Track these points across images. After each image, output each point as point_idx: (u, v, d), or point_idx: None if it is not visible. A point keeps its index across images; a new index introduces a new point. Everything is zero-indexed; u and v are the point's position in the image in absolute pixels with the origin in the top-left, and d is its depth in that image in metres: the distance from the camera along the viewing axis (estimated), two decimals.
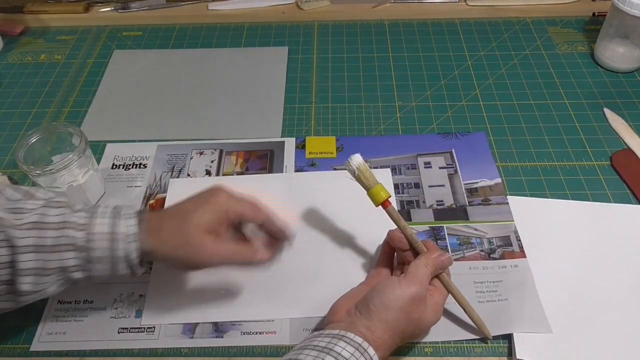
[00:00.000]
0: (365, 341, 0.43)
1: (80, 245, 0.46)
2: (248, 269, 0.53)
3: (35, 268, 0.45)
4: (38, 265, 0.45)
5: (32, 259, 0.45)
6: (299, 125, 0.73)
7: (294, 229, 0.53)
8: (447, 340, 0.51)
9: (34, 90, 0.80)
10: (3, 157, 0.70)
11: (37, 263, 0.45)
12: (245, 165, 0.68)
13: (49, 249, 0.45)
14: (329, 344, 0.43)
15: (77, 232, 0.46)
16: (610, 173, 0.65)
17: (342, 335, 0.43)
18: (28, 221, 0.45)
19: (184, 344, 0.51)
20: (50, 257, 0.45)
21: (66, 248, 0.45)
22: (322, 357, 0.41)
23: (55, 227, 0.45)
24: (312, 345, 0.43)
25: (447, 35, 0.88)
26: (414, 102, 0.76)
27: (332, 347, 0.42)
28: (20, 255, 0.44)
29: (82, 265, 0.46)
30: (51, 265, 0.45)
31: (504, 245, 0.58)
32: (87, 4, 0.93)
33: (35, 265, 0.45)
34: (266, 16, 0.92)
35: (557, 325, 0.51)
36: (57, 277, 0.46)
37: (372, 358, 0.43)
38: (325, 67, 0.83)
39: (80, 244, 0.46)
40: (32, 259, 0.45)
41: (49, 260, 0.45)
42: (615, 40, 0.78)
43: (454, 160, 0.67)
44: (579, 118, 0.73)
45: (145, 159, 0.69)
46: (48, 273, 0.46)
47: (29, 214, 0.46)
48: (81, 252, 0.46)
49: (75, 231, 0.46)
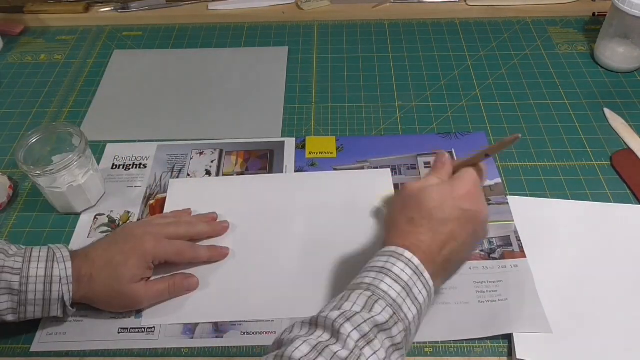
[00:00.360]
0: (422, 263, 0.43)
1: (14, 289, 0.48)
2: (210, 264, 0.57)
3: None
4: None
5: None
6: (299, 125, 0.73)
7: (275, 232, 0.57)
8: (447, 340, 0.51)
9: (34, 90, 0.80)
10: (3, 157, 0.70)
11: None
12: (245, 165, 0.68)
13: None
14: (387, 264, 0.43)
15: (13, 277, 0.48)
16: (610, 173, 0.65)
17: (400, 254, 0.43)
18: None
19: (184, 344, 0.51)
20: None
21: (1, 292, 0.47)
22: (381, 278, 0.42)
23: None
24: (371, 267, 0.44)
25: (447, 35, 0.88)
26: (414, 102, 0.76)
27: (390, 267, 0.43)
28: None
29: (14, 308, 0.48)
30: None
31: (504, 245, 0.58)
32: (87, 4, 0.93)
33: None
34: (266, 16, 0.92)
35: (557, 325, 0.51)
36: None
37: (427, 282, 0.43)
38: (325, 67, 0.83)
39: (15, 287, 0.48)
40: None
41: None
42: (615, 40, 0.78)
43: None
44: (579, 118, 0.73)
45: (145, 159, 0.69)
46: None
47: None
48: (15, 296, 0.48)
49: (11, 275, 0.48)
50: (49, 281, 0.48)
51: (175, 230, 0.56)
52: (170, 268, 0.56)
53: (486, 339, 0.51)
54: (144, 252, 0.52)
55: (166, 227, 0.55)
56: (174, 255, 0.54)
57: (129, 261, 0.51)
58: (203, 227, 0.58)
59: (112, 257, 0.51)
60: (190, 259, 0.55)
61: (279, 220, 0.61)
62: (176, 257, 0.54)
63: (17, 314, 0.49)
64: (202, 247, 0.57)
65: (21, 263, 0.49)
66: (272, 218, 0.61)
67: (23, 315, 0.49)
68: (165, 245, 0.53)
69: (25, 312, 0.49)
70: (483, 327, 0.51)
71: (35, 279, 0.48)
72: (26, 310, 0.49)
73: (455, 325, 0.52)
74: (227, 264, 0.57)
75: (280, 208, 0.62)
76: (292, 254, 0.58)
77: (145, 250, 0.52)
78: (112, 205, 0.64)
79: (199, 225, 0.58)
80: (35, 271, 0.48)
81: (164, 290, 0.53)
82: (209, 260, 0.57)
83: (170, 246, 0.54)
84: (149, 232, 0.54)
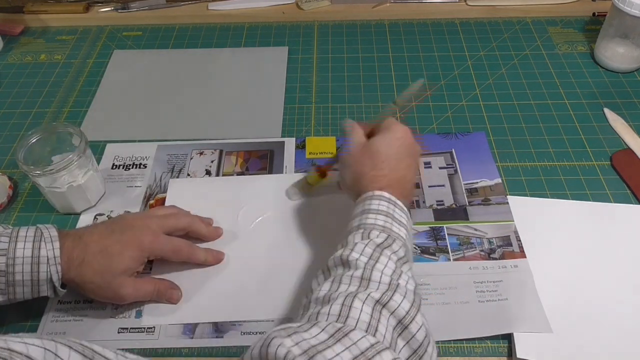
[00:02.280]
0: (392, 195, 0.49)
1: (1, 270, 0.47)
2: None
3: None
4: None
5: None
6: (299, 125, 0.73)
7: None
8: (447, 340, 0.51)
9: (34, 90, 0.80)
10: (3, 157, 0.70)
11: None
12: (245, 165, 0.68)
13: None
14: (364, 206, 0.49)
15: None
16: (610, 173, 0.65)
17: (371, 195, 0.49)
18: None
19: (184, 344, 0.51)
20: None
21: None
22: (365, 216, 0.48)
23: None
24: (353, 215, 0.49)
25: (447, 35, 0.88)
26: (414, 102, 0.76)
27: (368, 207, 0.48)
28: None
29: (2, 289, 0.47)
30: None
31: (504, 245, 0.58)
32: (87, 4, 0.93)
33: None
34: (266, 16, 0.92)
35: (557, 325, 0.51)
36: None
37: (402, 207, 0.49)
38: (325, 67, 0.83)
39: (1, 268, 0.47)
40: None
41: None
42: (615, 40, 0.79)
43: (454, 160, 0.67)
44: (579, 118, 0.73)
45: (145, 159, 0.69)
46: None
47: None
48: (2, 277, 0.47)
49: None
50: (36, 262, 0.47)
51: (175, 222, 0.55)
52: (163, 265, 0.56)
53: (486, 338, 0.51)
54: (141, 246, 0.51)
55: (166, 220, 0.55)
56: (170, 252, 0.54)
57: (125, 253, 0.50)
58: (201, 225, 0.58)
59: (108, 245, 0.50)
60: (187, 258, 0.55)
61: (279, 220, 0.61)
62: (172, 255, 0.54)
63: (6, 294, 0.48)
64: (199, 247, 0.56)
65: (7, 243, 0.47)
66: (272, 218, 0.61)
67: (12, 295, 0.48)
68: (163, 241, 0.53)
69: (15, 292, 0.48)
70: (483, 327, 0.51)
71: (22, 259, 0.47)
72: (15, 291, 0.48)
73: (455, 325, 0.52)
74: (227, 264, 0.57)
75: (280, 208, 0.62)
76: (292, 253, 0.58)
77: (143, 244, 0.51)
78: (112, 205, 0.64)
79: (198, 223, 0.58)
80: (22, 252, 0.47)
81: (150, 293, 0.53)
82: (204, 262, 0.56)
83: (168, 243, 0.53)
84: (148, 225, 0.53)
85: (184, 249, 0.55)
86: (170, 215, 0.56)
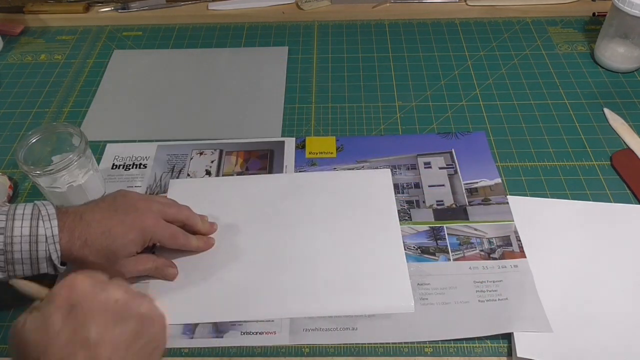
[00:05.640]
0: None
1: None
2: None
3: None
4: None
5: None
6: (299, 125, 0.73)
7: None
8: (447, 340, 0.51)
9: (34, 90, 0.80)
10: (3, 157, 0.70)
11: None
12: (245, 165, 0.68)
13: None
14: None
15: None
16: (610, 173, 0.65)
17: None
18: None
19: (184, 344, 0.51)
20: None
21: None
22: None
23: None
24: None
25: (447, 35, 0.88)
26: (414, 102, 0.76)
27: None
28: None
29: (1, 267, 0.47)
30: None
31: (504, 245, 0.58)
32: (87, 4, 0.93)
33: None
34: (266, 16, 0.92)
35: (557, 325, 0.51)
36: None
37: None
38: (325, 67, 0.83)
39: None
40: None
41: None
42: (615, 40, 0.79)
43: (454, 160, 0.67)
44: (579, 118, 0.73)
45: (145, 159, 0.69)
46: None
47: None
48: (1, 255, 0.46)
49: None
50: (34, 240, 0.47)
51: (176, 213, 0.55)
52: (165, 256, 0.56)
53: (486, 338, 0.51)
54: (144, 229, 0.51)
55: (168, 208, 0.55)
56: (168, 238, 0.54)
57: (128, 235, 0.50)
58: (198, 220, 0.58)
59: (112, 226, 0.49)
60: (182, 245, 0.55)
61: (279, 220, 0.61)
62: (169, 241, 0.54)
63: (5, 272, 0.47)
64: (192, 235, 0.57)
65: (4, 222, 0.47)
66: (272, 218, 0.61)
67: (12, 273, 0.48)
68: (163, 226, 0.53)
69: (14, 270, 0.47)
70: (483, 326, 0.51)
71: (20, 238, 0.46)
72: (14, 269, 0.47)
73: (455, 325, 0.52)
74: (227, 264, 0.57)
75: (281, 208, 0.62)
76: (292, 253, 0.58)
77: (146, 227, 0.51)
78: None
79: (195, 217, 0.57)
80: (20, 230, 0.46)
81: (149, 271, 0.53)
82: (196, 249, 0.57)
83: (167, 228, 0.53)
84: (150, 208, 0.53)
85: (180, 236, 0.55)
86: (171, 204, 0.56)
